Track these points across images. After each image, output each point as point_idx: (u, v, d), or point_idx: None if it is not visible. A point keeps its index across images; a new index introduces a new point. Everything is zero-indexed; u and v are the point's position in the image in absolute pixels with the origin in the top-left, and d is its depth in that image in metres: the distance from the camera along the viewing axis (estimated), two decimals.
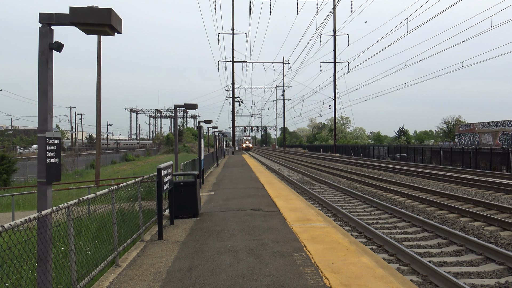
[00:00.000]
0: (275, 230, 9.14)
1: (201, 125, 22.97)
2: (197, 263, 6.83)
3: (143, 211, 9.21)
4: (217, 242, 8.21)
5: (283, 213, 11.27)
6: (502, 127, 55.27)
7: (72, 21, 4.65)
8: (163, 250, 7.79)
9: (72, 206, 5.39)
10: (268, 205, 12.81)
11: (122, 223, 7.79)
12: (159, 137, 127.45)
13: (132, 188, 8.85)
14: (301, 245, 7.79)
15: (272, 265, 6.55)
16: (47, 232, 4.61)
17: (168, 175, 9.59)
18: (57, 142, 4.91)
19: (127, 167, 57.25)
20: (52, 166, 4.79)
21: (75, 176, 42.53)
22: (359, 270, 6.23)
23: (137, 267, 6.77)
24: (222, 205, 13.10)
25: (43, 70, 4.74)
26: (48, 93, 4.75)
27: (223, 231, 9.20)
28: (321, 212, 12.18)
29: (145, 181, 10.12)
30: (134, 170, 47.83)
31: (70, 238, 5.29)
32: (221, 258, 7.02)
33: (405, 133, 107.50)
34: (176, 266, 6.70)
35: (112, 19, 4.67)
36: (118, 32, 4.98)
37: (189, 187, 11.01)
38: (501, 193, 19.08)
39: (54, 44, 4.74)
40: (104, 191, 6.77)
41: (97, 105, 28.67)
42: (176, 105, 15.66)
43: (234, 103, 67.38)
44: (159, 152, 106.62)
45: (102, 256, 6.51)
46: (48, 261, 4.62)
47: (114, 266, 6.87)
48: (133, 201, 8.94)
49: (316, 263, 6.60)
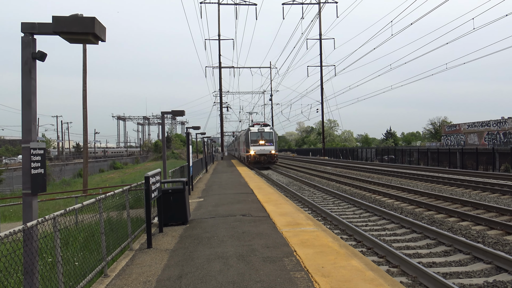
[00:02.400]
0: (265, 235, 9.13)
1: (189, 132, 22.92)
2: (187, 270, 6.79)
3: (131, 219, 9.13)
4: (207, 249, 8.18)
5: (272, 218, 11.27)
6: (487, 127, 56.14)
7: (55, 30, 4.61)
8: (152, 259, 7.72)
9: (58, 217, 5.32)
10: (257, 210, 12.80)
11: (110, 232, 7.71)
12: (147, 144, 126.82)
13: (120, 197, 8.78)
14: (291, 249, 7.80)
15: (262, 270, 6.54)
16: (33, 244, 4.54)
17: (156, 183, 9.53)
18: (41, 153, 4.86)
19: (115, 175, 56.77)
20: (37, 177, 4.73)
21: (62, 185, 42.02)
22: (349, 273, 6.25)
23: (126, 277, 6.70)
24: (211, 211, 13.06)
25: (26, 80, 4.68)
26: (32, 103, 4.70)
27: (213, 237, 9.17)
28: (311, 216, 12.21)
29: (133, 189, 10.05)
30: (123, 178, 47.44)
31: (57, 250, 5.23)
32: (211, 265, 6.98)
33: (393, 135, 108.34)
34: (165, 275, 6.65)
35: (96, 28, 4.65)
36: (102, 40, 4.95)
37: (178, 194, 10.96)
38: (488, 192, 19.31)
39: (37, 53, 4.69)
40: (91, 201, 6.71)
41: (83, 113, 28.41)
42: (163, 112, 15.60)
43: (222, 108, 67.34)
44: (147, 159, 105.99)
45: (90, 267, 6.43)
46: (34, 274, 4.55)
47: (103, 276, 6.80)
48: (121, 209, 8.86)
49: (306, 267, 6.61)
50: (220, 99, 66.24)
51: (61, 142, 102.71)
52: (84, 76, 28.39)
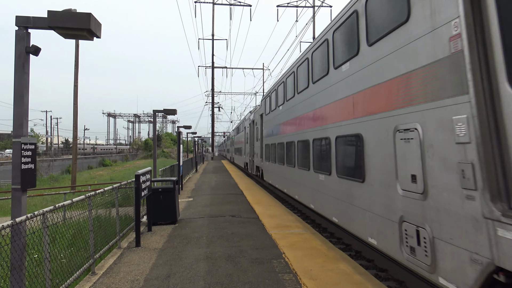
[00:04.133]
0: (254, 236, 9.13)
1: (180, 131, 22.83)
2: (175, 270, 6.76)
3: (120, 217, 9.08)
4: (196, 249, 8.16)
5: (262, 219, 11.27)
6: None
7: (50, 25, 4.58)
8: (140, 258, 7.68)
9: (48, 213, 5.28)
10: (247, 211, 12.79)
11: (99, 230, 7.66)
12: (137, 142, 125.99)
13: (109, 194, 8.72)
14: (279, 251, 7.81)
15: (250, 272, 6.54)
16: (21, 240, 4.50)
17: (146, 181, 9.49)
18: (32, 148, 4.82)
19: (104, 172, 56.31)
20: (27, 172, 4.69)
21: (50, 181, 41.56)
22: (337, 276, 6.28)
23: (113, 275, 6.66)
24: (201, 211, 13.02)
25: (19, 74, 4.65)
26: (24, 98, 4.66)
27: (202, 237, 9.15)
28: (300, 218, 12.23)
29: (122, 187, 9.99)
30: (111, 175, 47.08)
31: (45, 246, 5.18)
32: (199, 265, 6.97)
33: None
34: (153, 274, 6.62)
35: (92, 24, 4.63)
36: (97, 36, 4.93)
37: (168, 193, 10.92)
38: None
39: (31, 47, 4.66)
40: (81, 198, 6.66)
41: (74, 109, 28.19)
42: (155, 110, 15.54)
43: (213, 108, 67.22)
44: (137, 157, 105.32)
45: (77, 264, 6.38)
46: (21, 270, 4.51)
47: (90, 274, 6.75)
48: (110, 207, 8.81)
49: (295, 269, 6.63)
50: (212, 99, 66.13)
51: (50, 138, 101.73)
52: (76, 72, 28.17)
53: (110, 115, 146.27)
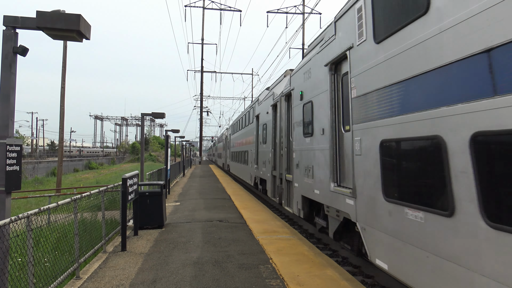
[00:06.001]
0: (241, 241, 9.10)
1: (168, 135, 22.72)
2: (161, 275, 6.70)
3: (106, 221, 8.98)
4: (182, 254, 8.09)
5: (249, 224, 11.25)
6: None
7: (39, 25, 4.53)
8: (126, 262, 7.60)
9: (32, 216, 5.19)
10: (234, 216, 12.75)
11: (84, 234, 7.56)
12: (124, 146, 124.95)
13: (96, 198, 8.63)
14: (267, 257, 7.79)
15: (237, 277, 6.51)
16: (4, 243, 4.42)
17: (133, 185, 9.41)
18: (18, 150, 4.74)
19: (90, 175, 55.70)
20: (12, 174, 4.62)
21: (35, 184, 40.97)
22: (324, 282, 6.28)
23: (98, 280, 6.57)
24: (188, 216, 12.95)
25: (5, 74, 4.58)
26: (11, 98, 4.59)
27: (189, 242, 9.08)
28: (287, 223, 12.23)
29: (109, 191, 9.89)
30: (98, 178, 46.58)
31: (29, 249, 5.09)
32: (186, 271, 6.91)
33: None
34: (139, 279, 6.55)
35: (81, 25, 4.59)
36: (87, 38, 4.89)
37: (155, 197, 10.83)
38: None
39: (19, 48, 4.60)
40: (66, 201, 6.57)
41: (60, 111, 27.87)
42: (143, 114, 15.45)
43: (202, 112, 67.06)
44: (124, 160, 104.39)
45: (62, 268, 6.28)
46: (4, 274, 4.42)
47: (75, 279, 6.64)
48: (96, 211, 8.70)
49: (282, 275, 6.61)
50: (201, 103, 65.99)
51: (35, 139, 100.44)
52: (63, 73, 27.88)
53: (97, 118, 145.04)
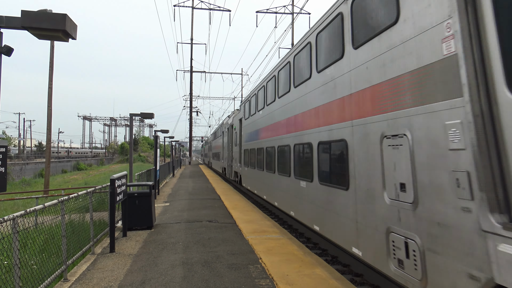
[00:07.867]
0: (230, 242, 9.09)
1: (158, 135, 22.59)
2: (150, 276, 6.66)
3: (94, 222, 8.90)
4: (172, 254, 8.06)
5: (239, 224, 11.24)
6: None
7: (24, 25, 4.48)
8: (115, 263, 7.54)
9: (18, 217, 5.13)
10: (224, 216, 12.74)
11: (72, 235, 7.49)
12: (113, 146, 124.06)
13: (84, 199, 8.55)
14: (256, 257, 7.79)
15: (227, 277, 6.50)
16: None
17: (122, 186, 9.34)
18: (3, 151, 4.68)
19: (79, 176, 55.19)
20: None
21: (22, 185, 40.47)
22: (313, 281, 6.30)
23: (86, 282, 6.51)
24: (177, 216, 12.90)
25: None
26: None
27: (178, 243, 9.05)
28: (277, 223, 12.24)
29: (97, 192, 9.80)
30: (86, 179, 46.18)
31: (15, 252, 5.02)
32: (175, 271, 6.89)
33: None
34: (128, 280, 6.51)
35: (67, 25, 4.54)
36: (73, 38, 4.84)
37: (144, 198, 10.77)
38: None
39: (4, 47, 4.53)
40: (53, 202, 6.50)
41: (48, 112, 27.58)
42: (132, 114, 15.34)
43: (191, 112, 66.88)
44: (113, 161, 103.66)
45: (49, 270, 6.21)
46: None
47: (62, 281, 6.58)
48: (84, 212, 8.63)
49: (271, 275, 6.62)
50: (190, 103, 65.79)
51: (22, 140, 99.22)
52: (50, 73, 27.59)
53: (85, 118, 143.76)
